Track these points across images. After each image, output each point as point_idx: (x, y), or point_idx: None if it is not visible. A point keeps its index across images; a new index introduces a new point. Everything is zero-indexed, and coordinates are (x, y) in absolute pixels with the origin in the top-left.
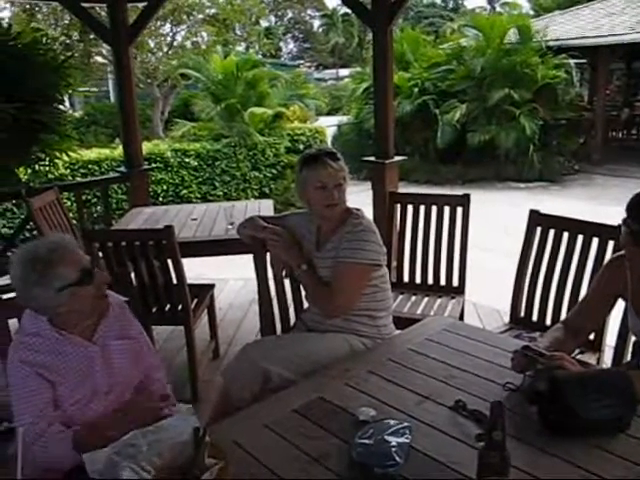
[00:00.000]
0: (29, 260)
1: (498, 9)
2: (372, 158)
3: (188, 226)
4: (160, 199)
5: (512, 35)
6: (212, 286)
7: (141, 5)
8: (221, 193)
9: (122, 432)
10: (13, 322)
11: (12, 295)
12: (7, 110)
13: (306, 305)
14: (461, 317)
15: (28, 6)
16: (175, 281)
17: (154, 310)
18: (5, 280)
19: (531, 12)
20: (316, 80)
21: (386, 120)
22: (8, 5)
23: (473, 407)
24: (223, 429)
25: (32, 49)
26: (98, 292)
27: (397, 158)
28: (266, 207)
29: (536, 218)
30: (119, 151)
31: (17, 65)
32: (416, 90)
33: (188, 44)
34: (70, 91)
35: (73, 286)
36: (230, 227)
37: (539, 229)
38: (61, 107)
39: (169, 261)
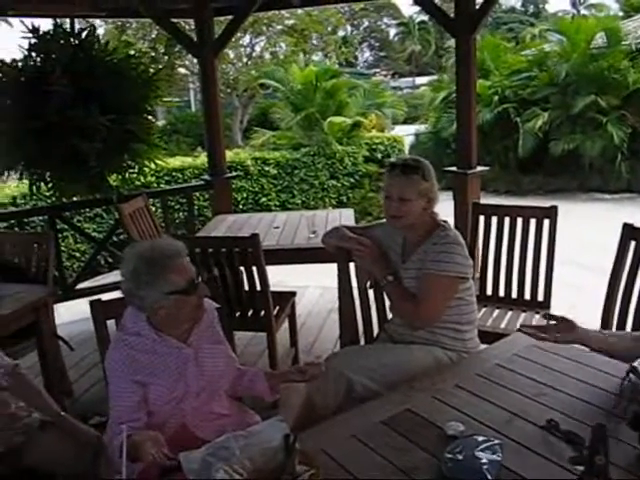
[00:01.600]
0: (145, 260)
1: (583, 12)
2: (453, 168)
3: (271, 234)
4: (240, 206)
5: (599, 38)
6: (294, 294)
7: (223, 19)
8: (299, 201)
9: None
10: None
11: (111, 297)
12: (103, 122)
13: (390, 316)
14: None
15: (119, 23)
16: (259, 288)
17: (237, 315)
18: (100, 281)
19: (620, 13)
20: (392, 89)
21: (469, 130)
22: (102, 22)
23: (566, 428)
24: (311, 437)
25: (126, 63)
26: (198, 302)
27: (480, 168)
28: (347, 216)
29: (630, 232)
30: (201, 159)
31: (113, 79)
32: (496, 98)
33: (267, 55)
34: (159, 102)
35: (179, 294)
36: (312, 236)
37: (633, 243)
38: (149, 117)
39: (254, 268)
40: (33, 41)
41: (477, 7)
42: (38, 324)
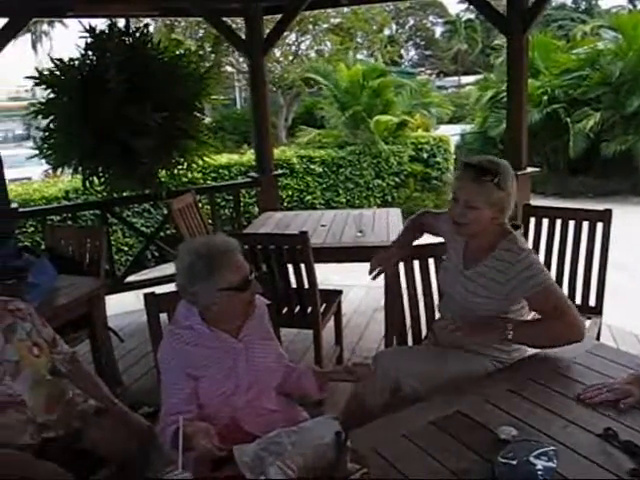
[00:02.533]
0: (202, 255)
1: None
2: None
3: (318, 232)
4: (285, 204)
5: None
6: (340, 292)
7: (270, 17)
8: (344, 200)
9: None
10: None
11: (164, 291)
12: (155, 119)
13: (437, 315)
14: (597, 339)
15: (168, 21)
16: (307, 285)
17: (283, 312)
18: (147, 275)
19: None
20: (437, 88)
21: (519, 130)
22: (152, 21)
23: (626, 438)
24: (361, 436)
25: (177, 61)
26: (250, 298)
27: (530, 169)
28: (394, 215)
29: None
30: (247, 157)
31: (165, 76)
32: (545, 98)
33: (312, 53)
34: (208, 100)
35: (232, 290)
36: (359, 234)
37: None
38: (199, 115)
39: (302, 266)
40: (89, 40)
41: (530, 4)
42: (91, 315)
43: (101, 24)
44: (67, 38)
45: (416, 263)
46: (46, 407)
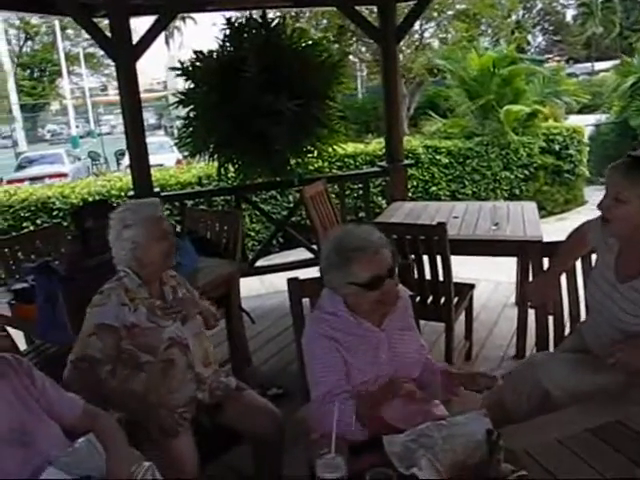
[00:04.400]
0: (336, 246)
1: None
2: None
3: (450, 224)
4: (409, 194)
5: None
6: (472, 286)
7: (405, 5)
8: (470, 192)
9: None
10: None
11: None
12: (290, 107)
13: (583, 317)
14: None
15: (294, 12)
16: (441, 277)
17: (416, 302)
18: (272, 260)
19: None
20: (566, 75)
21: None
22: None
23: None
24: (512, 436)
25: (311, 51)
26: (381, 298)
27: None
28: (530, 209)
29: None
30: (373, 146)
31: (299, 65)
32: None
33: (435, 41)
34: (339, 89)
35: (359, 286)
36: (494, 228)
37: None
38: (331, 103)
39: (438, 257)
40: (227, 32)
41: None
42: (228, 296)
43: (234, 16)
44: (197, 33)
45: None
46: (203, 360)
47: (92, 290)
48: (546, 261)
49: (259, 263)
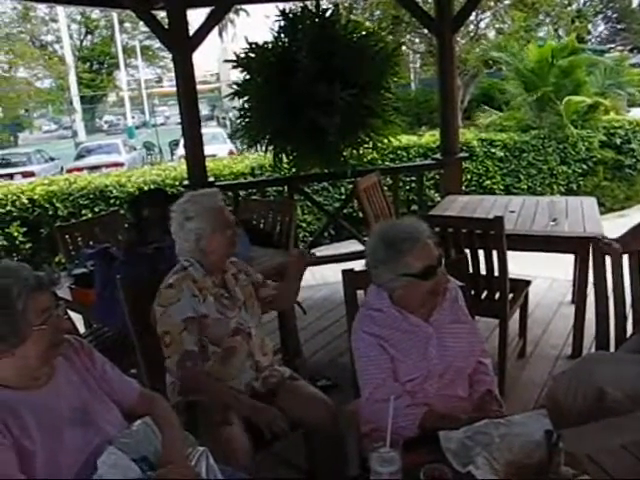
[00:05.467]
0: (384, 240)
1: None
2: None
3: (507, 218)
4: (463, 188)
5: None
6: (528, 283)
7: None
8: (525, 186)
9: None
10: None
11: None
12: (343, 97)
13: None
14: None
15: (347, 3)
16: (497, 273)
17: (470, 297)
18: (323, 252)
19: None
20: (630, 65)
21: None
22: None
23: None
24: (572, 438)
25: (366, 41)
26: (434, 288)
27: None
28: (589, 205)
29: None
30: (426, 139)
31: (353, 56)
32: None
33: (491, 32)
34: (394, 79)
35: (412, 277)
36: (553, 223)
37: None
38: (386, 94)
39: (494, 252)
40: (282, 23)
41: None
42: None
43: (288, 7)
44: (250, 25)
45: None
46: (261, 348)
47: (147, 276)
48: (608, 259)
49: None
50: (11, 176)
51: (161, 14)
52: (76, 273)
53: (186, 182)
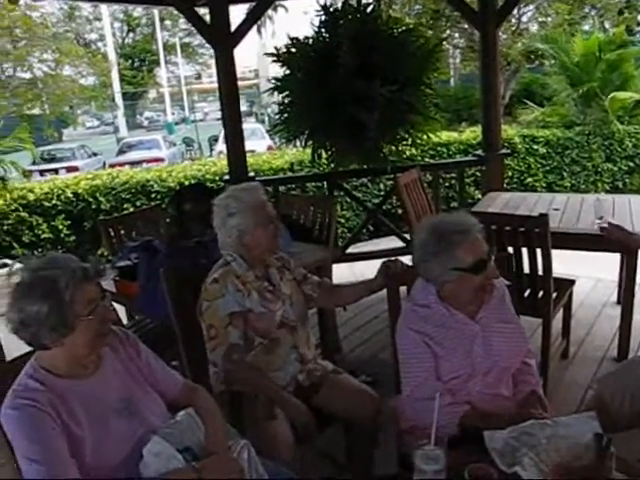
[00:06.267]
0: (434, 233)
1: None
2: None
3: (551, 216)
4: (503, 185)
5: None
6: (573, 282)
7: None
8: (568, 184)
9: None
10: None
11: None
12: (383, 93)
13: None
14: None
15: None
16: (541, 271)
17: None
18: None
19: None
20: None
21: None
22: None
23: None
24: (623, 443)
25: (407, 36)
26: (482, 282)
27: None
28: (637, 204)
29: None
30: (466, 135)
31: (394, 51)
32: None
33: (534, 26)
34: (435, 75)
35: (464, 271)
36: (599, 222)
37: None
38: (427, 90)
39: (538, 250)
40: (323, 18)
41: None
42: None
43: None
44: (288, 21)
45: None
46: (306, 341)
47: (189, 269)
48: None
49: (349, 250)
50: (56, 171)
51: (202, 10)
52: (120, 265)
53: (226, 177)
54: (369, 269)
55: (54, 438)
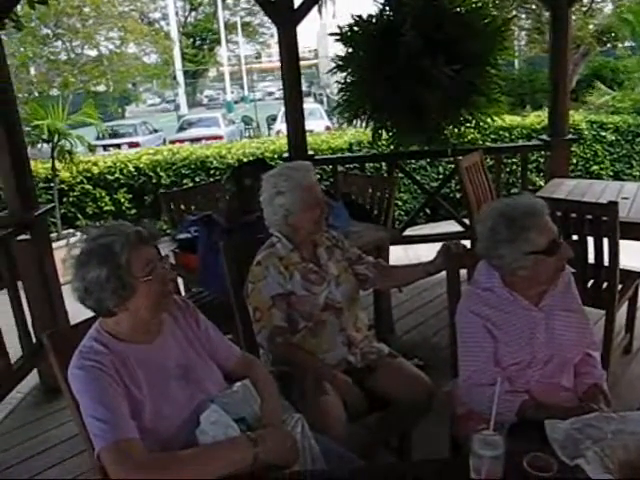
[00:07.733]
0: (505, 217)
1: None
2: None
3: (619, 205)
4: (568, 172)
5: None
6: (639, 275)
7: None
8: (637, 173)
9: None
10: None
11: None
12: (447, 72)
13: None
14: None
15: None
16: (606, 261)
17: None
18: (417, 231)
19: None
20: None
21: None
22: None
23: None
24: None
25: (474, 15)
26: (557, 263)
27: None
28: None
29: None
30: (530, 120)
31: (459, 30)
32: None
33: (607, 6)
34: (502, 55)
35: (539, 254)
36: None
37: None
38: (492, 71)
39: (604, 239)
40: None
41: None
42: None
43: None
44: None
45: None
46: (354, 323)
47: (249, 244)
48: None
49: (406, 233)
50: (119, 146)
51: None
52: (180, 238)
53: (286, 154)
54: (425, 252)
55: (117, 399)
